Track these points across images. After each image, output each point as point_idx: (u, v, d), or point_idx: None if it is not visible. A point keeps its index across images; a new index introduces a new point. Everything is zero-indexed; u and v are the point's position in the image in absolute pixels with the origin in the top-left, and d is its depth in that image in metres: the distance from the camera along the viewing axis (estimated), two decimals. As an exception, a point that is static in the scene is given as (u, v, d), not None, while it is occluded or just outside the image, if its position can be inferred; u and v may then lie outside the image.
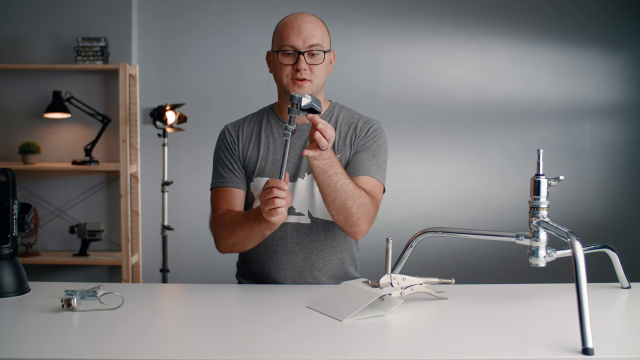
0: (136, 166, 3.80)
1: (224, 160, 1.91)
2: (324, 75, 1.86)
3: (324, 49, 1.83)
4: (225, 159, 1.91)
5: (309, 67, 1.81)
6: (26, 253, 3.66)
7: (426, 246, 2.02)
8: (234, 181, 1.89)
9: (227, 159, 1.91)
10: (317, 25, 1.84)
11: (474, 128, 3.93)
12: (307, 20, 1.83)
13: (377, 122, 1.93)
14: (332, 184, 1.68)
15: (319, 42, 1.81)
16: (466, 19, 3.91)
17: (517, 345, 1.29)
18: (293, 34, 1.80)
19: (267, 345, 1.29)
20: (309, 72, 1.81)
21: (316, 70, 1.82)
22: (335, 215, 1.75)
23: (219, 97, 3.86)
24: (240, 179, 1.89)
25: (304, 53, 1.80)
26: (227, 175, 1.89)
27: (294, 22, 1.82)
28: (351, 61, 3.84)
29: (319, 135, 1.58)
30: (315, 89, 1.84)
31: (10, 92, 3.79)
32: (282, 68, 1.82)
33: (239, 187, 1.89)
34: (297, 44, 1.80)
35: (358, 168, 1.83)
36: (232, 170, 1.89)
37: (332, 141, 1.62)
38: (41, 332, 1.34)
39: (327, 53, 1.84)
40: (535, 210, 1.51)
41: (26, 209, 1.69)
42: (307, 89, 1.81)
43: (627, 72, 3.98)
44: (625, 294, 1.71)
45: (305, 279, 1.87)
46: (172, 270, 3.79)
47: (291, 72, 1.81)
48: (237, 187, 1.88)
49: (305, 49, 1.80)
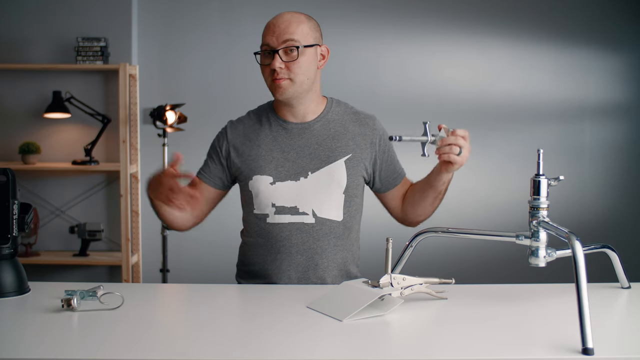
0: (136, 166, 3.80)
1: (210, 154, 1.96)
2: (308, 71, 1.81)
3: (300, 44, 1.79)
4: (211, 154, 1.96)
5: (286, 64, 1.79)
6: (26, 253, 3.66)
7: (426, 246, 2.02)
8: (204, 175, 1.95)
9: (210, 154, 1.96)
10: (294, 21, 1.80)
11: (474, 128, 3.87)
12: (284, 18, 1.81)
13: (376, 117, 1.97)
14: (445, 188, 1.87)
15: (294, 37, 1.78)
16: (466, 19, 3.91)
17: (517, 345, 1.29)
18: (269, 33, 1.80)
19: (267, 345, 1.29)
20: (286, 71, 1.79)
21: (294, 68, 1.79)
22: (430, 210, 1.92)
23: (219, 97, 3.86)
24: (212, 176, 1.94)
25: (277, 51, 1.78)
26: (204, 168, 1.96)
27: (271, 21, 1.83)
28: (351, 61, 3.84)
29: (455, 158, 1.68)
30: (299, 87, 1.81)
31: (10, 92, 3.79)
32: (264, 69, 1.83)
33: (207, 182, 1.93)
34: (272, 42, 1.79)
35: (399, 172, 1.97)
36: (210, 165, 1.95)
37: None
38: (41, 332, 1.34)
39: (308, 48, 1.80)
40: (535, 210, 1.51)
41: (26, 209, 1.69)
42: (286, 87, 1.80)
43: (627, 72, 3.98)
44: (625, 294, 1.71)
45: (309, 279, 1.86)
46: (172, 270, 3.79)
47: (270, 72, 1.80)
48: (205, 180, 1.95)
49: (280, 46, 1.78)
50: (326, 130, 1.89)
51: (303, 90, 1.83)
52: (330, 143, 1.87)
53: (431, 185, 1.85)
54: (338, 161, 1.86)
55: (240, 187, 1.94)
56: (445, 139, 1.66)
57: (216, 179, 1.93)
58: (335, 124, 1.90)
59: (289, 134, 1.88)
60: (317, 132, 1.88)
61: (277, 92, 1.81)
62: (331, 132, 1.89)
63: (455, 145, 1.66)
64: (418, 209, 1.92)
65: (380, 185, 1.95)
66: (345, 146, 1.88)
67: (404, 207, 1.97)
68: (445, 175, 1.79)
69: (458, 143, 1.66)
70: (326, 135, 1.88)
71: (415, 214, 1.94)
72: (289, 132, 1.89)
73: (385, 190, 1.96)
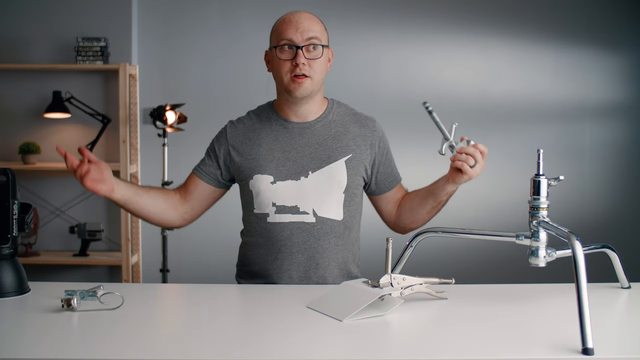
0: (136, 166, 3.80)
1: (208, 152, 1.97)
2: (323, 72, 1.86)
3: (323, 43, 1.83)
4: (209, 151, 1.96)
5: (308, 62, 1.81)
6: (26, 253, 3.66)
7: (426, 246, 2.02)
8: (198, 170, 1.96)
9: (207, 151, 1.97)
10: (315, 21, 1.85)
11: (474, 128, 3.92)
12: (305, 16, 1.84)
13: (376, 119, 1.98)
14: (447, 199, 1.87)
15: (318, 35, 1.82)
16: (466, 19, 3.91)
17: (517, 345, 1.29)
18: (291, 29, 1.81)
19: (267, 345, 1.29)
20: (307, 68, 1.81)
21: (315, 66, 1.82)
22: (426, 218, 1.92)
23: (219, 97, 3.86)
24: (205, 171, 1.94)
25: (302, 47, 1.80)
26: (200, 164, 1.97)
27: (291, 18, 1.83)
28: (351, 61, 3.84)
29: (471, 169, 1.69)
30: (316, 86, 1.84)
31: (10, 92, 3.79)
32: (281, 64, 1.82)
33: (199, 176, 1.94)
34: (296, 38, 1.80)
35: (395, 175, 1.98)
36: (205, 161, 1.96)
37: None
38: (41, 332, 1.34)
39: (325, 48, 1.84)
40: (535, 210, 1.51)
41: (26, 209, 1.69)
42: (307, 86, 1.82)
43: (627, 72, 3.98)
44: (625, 294, 1.71)
45: (310, 278, 1.86)
46: (172, 270, 3.79)
47: (290, 68, 1.81)
48: (197, 174, 1.95)
49: (304, 43, 1.80)
50: (327, 131, 1.89)
51: (316, 90, 1.85)
52: (331, 143, 1.88)
53: (433, 194, 1.85)
54: (338, 161, 1.86)
55: (240, 187, 1.94)
56: (464, 147, 1.68)
57: (210, 176, 1.94)
58: (336, 124, 1.91)
59: (290, 134, 1.89)
60: (318, 132, 1.89)
61: (295, 89, 1.82)
62: (332, 132, 1.89)
63: (473, 156, 1.67)
64: (415, 215, 1.92)
65: (376, 188, 1.95)
66: (345, 146, 1.88)
67: (400, 212, 1.97)
68: (450, 186, 1.79)
69: (475, 156, 1.68)
70: (327, 135, 1.88)
71: (411, 220, 1.94)
72: (290, 131, 1.89)
73: (380, 192, 1.96)
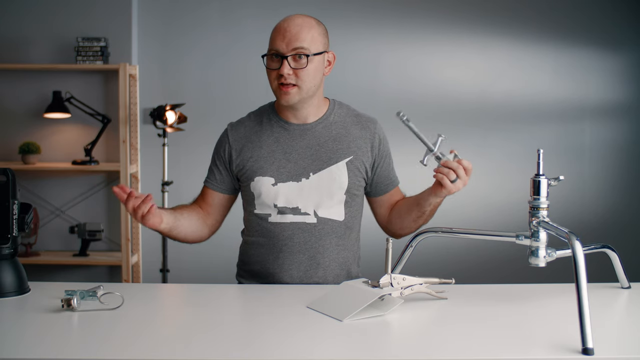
0: (136, 166, 3.80)
1: (215, 161, 1.96)
2: (315, 79, 1.81)
3: (310, 52, 1.77)
4: (215, 160, 1.95)
5: (294, 71, 1.77)
6: (26, 253, 3.66)
7: (426, 246, 2.02)
8: (212, 183, 1.95)
9: (214, 160, 1.96)
10: (305, 27, 1.79)
11: (474, 128, 3.92)
12: (295, 23, 1.79)
13: (377, 121, 1.97)
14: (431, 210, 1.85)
15: (304, 45, 1.77)
16: (466, 19, 3.91)
17: (517, 345, 1.29)
18: (278, 38, 1.78)
19: (267, 345, 1.29)
20: (294, 77, 1.78)
21: (302, 75, 1.78)
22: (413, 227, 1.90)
23: (219, 97, 3.86)
24: (218, 182, 1.94)
25: (287, 57, 1.77)
26: (210, 176, 1.96)
27: (281, 25, 1.80)
28: (351, 61, 3.84)
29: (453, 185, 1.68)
30: (306, 93, 1.81)
31: (10, 92, 3.79)
32: (270, 73, 1.82)
33: (215, 189, 1.95)
34: (281, 48, 1.77)
35: (392, 179, 1.96)
36: (215, 172, 1.95)
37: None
38: (41, 332, 1.34)
39: (316, 56, 1.80)
40: (535, 210, 1.51)
41: (26, 209, 1.69)
42: (292, 94, 1.79)
43: (627, 72, 3.98)
44: (625, 294, 1.71)
45: (311, 278, 1.86)
46: (172, 270, 3.79)
47: (277, 76, 1.79)
48: (213, 188, 1.95)
49: (289, 53, 1.77)
50: (328, 132, 1.89)
51: (308, 97, 1.83)
52: (331, 145, 1.87)
53: (418, 204, 1.85)
54: (339, 163, 1.86)
55: (241, 188, 1.94)
56: (447, 161, 1.67)
57: (224, 185, 1.94)
58: (337, 126, 1.90)
59: (290, 135, 1.88)
60: (318, 133, 1.88)
61: (282, 97, 1.80)
62: (333, 134, 1.89)
63: (454, 172, 1.66)
64: (403, 221, 1.92)
65: (370, 189, 1.95)
66: (346, 148, 1.88)
67: (391, 216, 1.96)
68: (433, 198, 1.78)
69: (457, 171, 1.66)
70: (328, 136, 1.88)
71: (399, 226, 1.94)
72: (291, 133, 1.89)
73: (375, 195, 1.96)
